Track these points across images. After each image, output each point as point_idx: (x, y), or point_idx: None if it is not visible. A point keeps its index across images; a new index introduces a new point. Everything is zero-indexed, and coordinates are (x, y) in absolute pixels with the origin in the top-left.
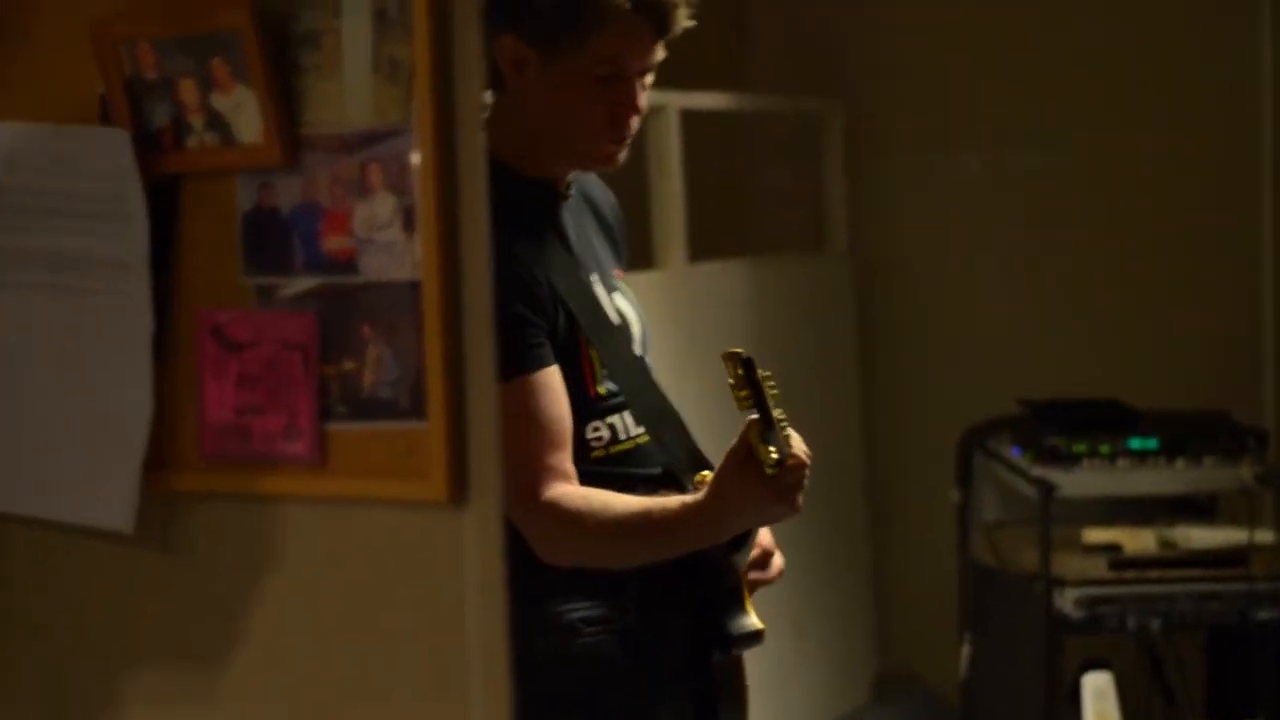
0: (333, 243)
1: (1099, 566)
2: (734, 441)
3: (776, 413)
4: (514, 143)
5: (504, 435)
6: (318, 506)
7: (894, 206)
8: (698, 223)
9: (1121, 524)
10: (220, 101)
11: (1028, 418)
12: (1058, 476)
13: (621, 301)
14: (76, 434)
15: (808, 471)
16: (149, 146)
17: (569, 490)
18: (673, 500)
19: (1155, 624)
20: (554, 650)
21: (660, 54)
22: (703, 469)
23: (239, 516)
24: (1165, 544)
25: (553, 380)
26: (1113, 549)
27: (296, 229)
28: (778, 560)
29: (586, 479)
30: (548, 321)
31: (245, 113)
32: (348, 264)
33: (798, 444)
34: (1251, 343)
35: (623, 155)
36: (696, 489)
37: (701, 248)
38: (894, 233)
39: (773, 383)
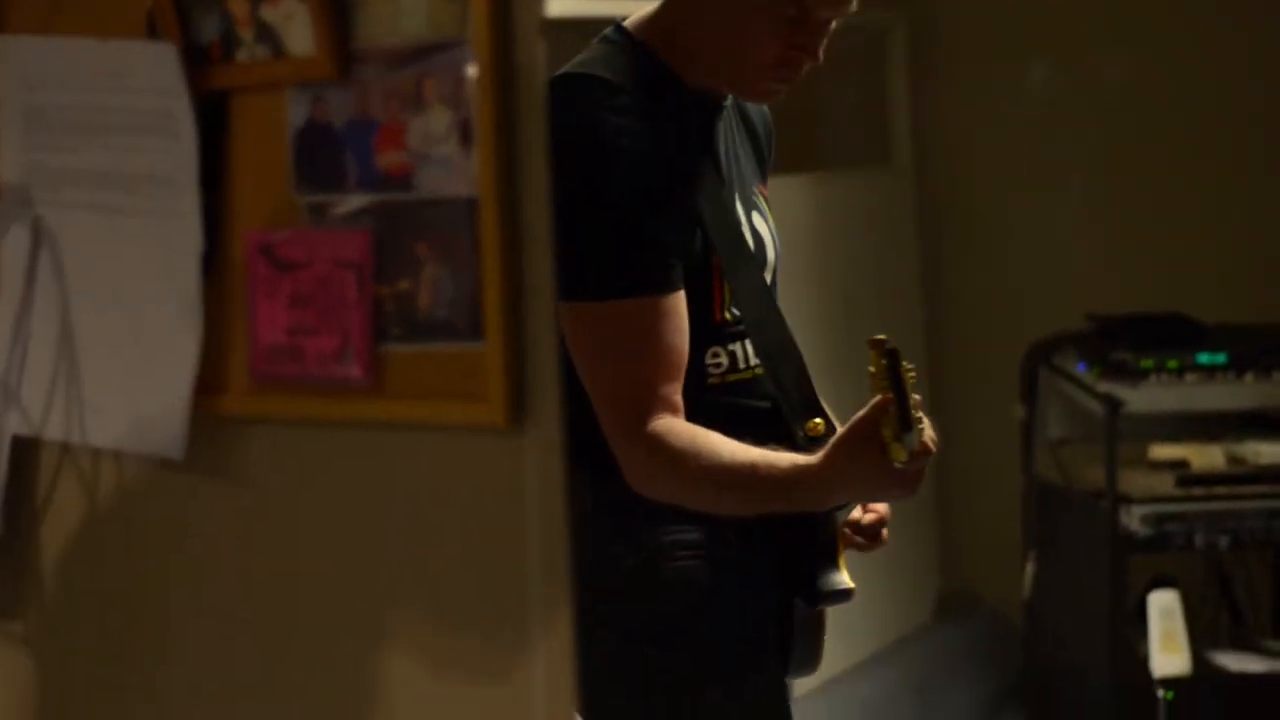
0: (387, 159)
1: (1166, 483)
2: (861, 411)
3: (916, 413)
4: (678, 47)
5: (616, 354)
6: (372, 431)
7: (959, 121)
8: None
9: (1189, 440)
10: (270, 13)
11: (1094, 333)
12: (1124, 392)
13: (759, 222)
14: (125, 357)
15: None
16: (197, 60)
17: (676, 425)
18: (783, 459)
19: (1223, 541)
20: (644, 570)
21: (853, 6)
22: (815, 414)
23: (292, 441)
24: (1234, 460)
25: (679, 306)
26: (1180, 465)
27: (349, 145)
28: (884, 533)
29: (698, 406)
30: (683, 243)
31: (296, 24)
32: (403, 180)
33: (928, 432)
34: None
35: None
36: (807, 434)
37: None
38: (959, 147)
39: (913, 374)
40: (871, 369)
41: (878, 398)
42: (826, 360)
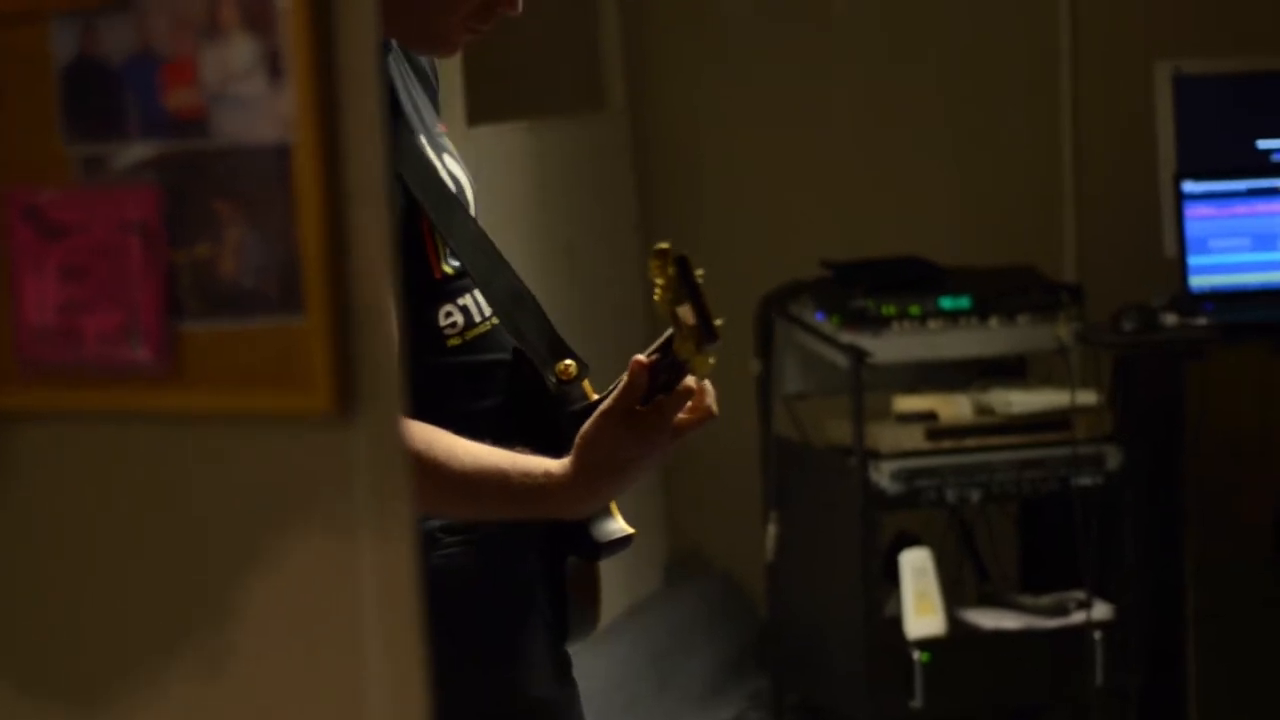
0: (177, 98)
1: (915, 437)
2: (605, 403)
3: (719, 321)
4: None
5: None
6: (170, 424)
7: (673, 58)
8: (474, 84)
9: (934, 390)
10: None
11: (830, 280)
12: (868, 341)
13: (451, 163)
14: None
15: (711, 394)
16: None
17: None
18: (534, 465)
19: (975, 495)
20: None
21: None
22: (563, 356)
23: (69, 439)
24: (982, 410)
25: None
26: (928, 417)
27: (129, 83)
28: (710, 397)
29: (441, 371)
30: None
31: None
32: (196, 125)
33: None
34: (1051, 194)
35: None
36: (559, 379)
37: (479, 110)
38: (675, 88)
39: (702, 275)
40: (658, 282)
41: (621, 378)
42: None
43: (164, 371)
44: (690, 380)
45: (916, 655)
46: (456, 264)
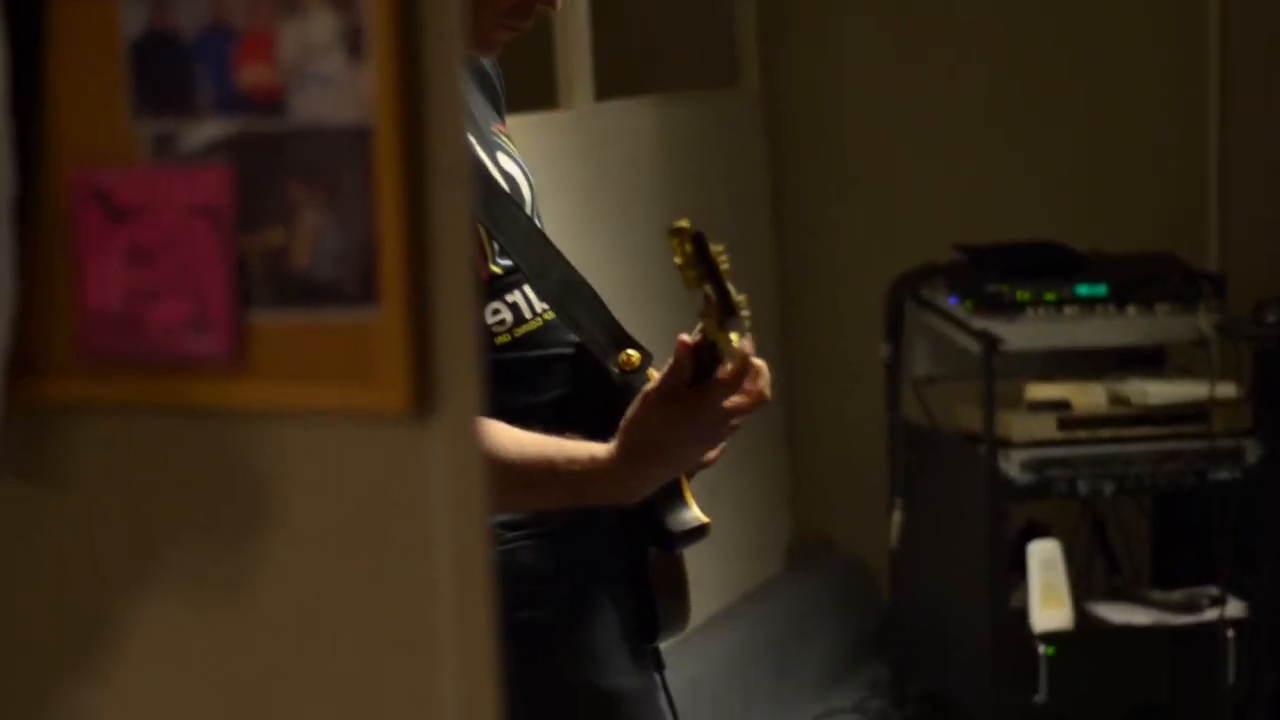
0: (251, 75)
1: (1047, 426)
2: (650, 384)
3: (740, 297)
4: None
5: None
6: (236, 420)
7: (810, 39)
8: (603, 58)
9: (1068, 378)
10: None
11: (964, 264)
12: (1001, 328)
13: (507, 162)
14: None
15: (764, 376)
16: None
17: None
18: (580, 451)
19: (1108, 487)
20: None
21: None
22: (625, 346)
23: (133, 433)
24: (1117, 400)
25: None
26: (1061, 406)
27: (202, 58)
28: (764, 377)
29: (491, 371)
30: None
31: None
32: (272, 103)
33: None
34: (1195, 179)
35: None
36: (622, 369)
37: (608, 85)
38: (810, 68)
39: (726, 260)
40: (677, 260)
41: (669, 361)
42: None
43: (231, 364)
44: (724, 359)
45: (1042, 649)
46: (506, 263)
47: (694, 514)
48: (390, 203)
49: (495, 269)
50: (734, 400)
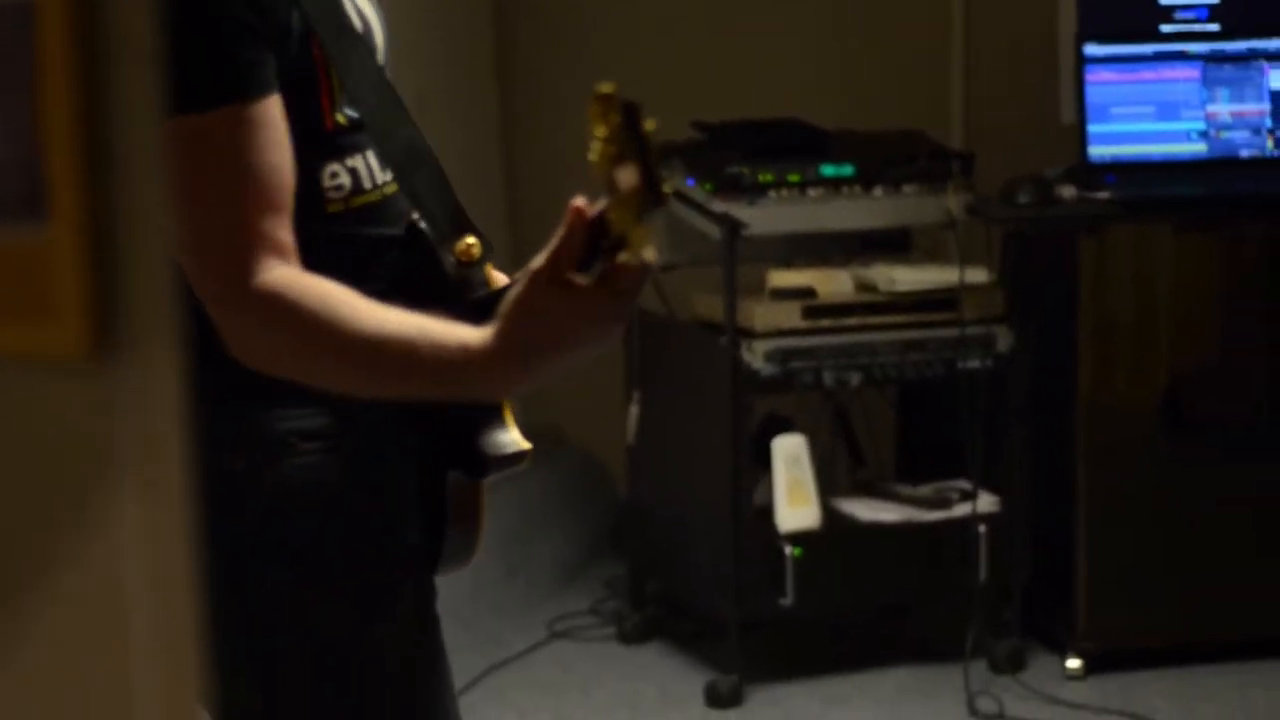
0: None
1: (791, 314)
2: (537, 260)
3: (666, 185)
4: None
5: (197, 189)
6: None
7: None
8: None
9: (811, 264)
10: None
11: (702, 143)
12: (743, 211)
13: (363, 2)
14: None
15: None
16: None
17: (294, 280)
18: (449, 337)
19: (855, 378)
20: (256, 472)
21: None
22: (465, 232)
23: None
24: (864, 286)
25: (274, 114)
26: (805, 293)
27: None
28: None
29: (317, 241)
30: (275, 26)
31: None
32: None
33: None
34: (940, 53)
35: None
36: (459, 259)
37: None
38: None
39: (654, 129)
40: (598, 133)
41: (555, 238)
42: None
43: None
44: (631, 252)
45: (789, 550)
46: (353, 114)
47: (513, 437)
48: (59, 89)
49: (340, 119)
50: (624, 285)
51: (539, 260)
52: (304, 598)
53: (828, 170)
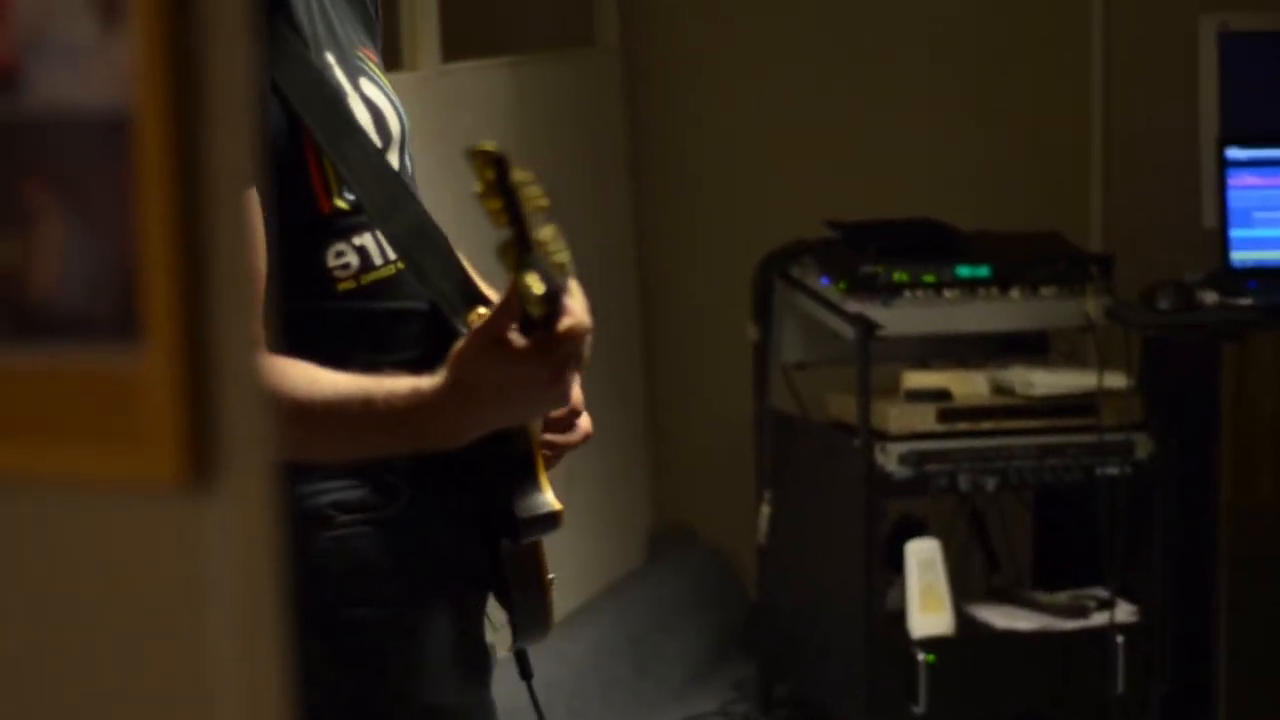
0: None
1: (926, 417)
2: (487, 309)
3: (542, 231)
4: None
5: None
6: None
7: None
8: (452, 16)
9: (947, 366)
10: None
11: (837, 241)
12: (878, 312)
13: (371, 89)
14: None
15: (588, 338)
16: None
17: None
18: (402, 384)
19: (990, 483)
20: (294, 545)
21: None
22: (478, 304)
23: None
24: (1000, 389)
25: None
26: (940, 395)
27: None
28: (585, 422)
29: (331, 319)
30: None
31: None
32: (4, 80)
33: (577, 299)
34: (1080, 155)
35: None
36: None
37: (456, 44)
38: (673, 26)
39: (536, 190)
40: (476, 189)
41: (499, 300)
42: None
43: None
44: (576, 311)
45: (921, 656)
46: (353, 198)
47: (546, 499)
48: (156, 210)
49: (341, 204)
50: (560, 354)
51: (481, 320)
52: (336, 668)
53: (963, 271)
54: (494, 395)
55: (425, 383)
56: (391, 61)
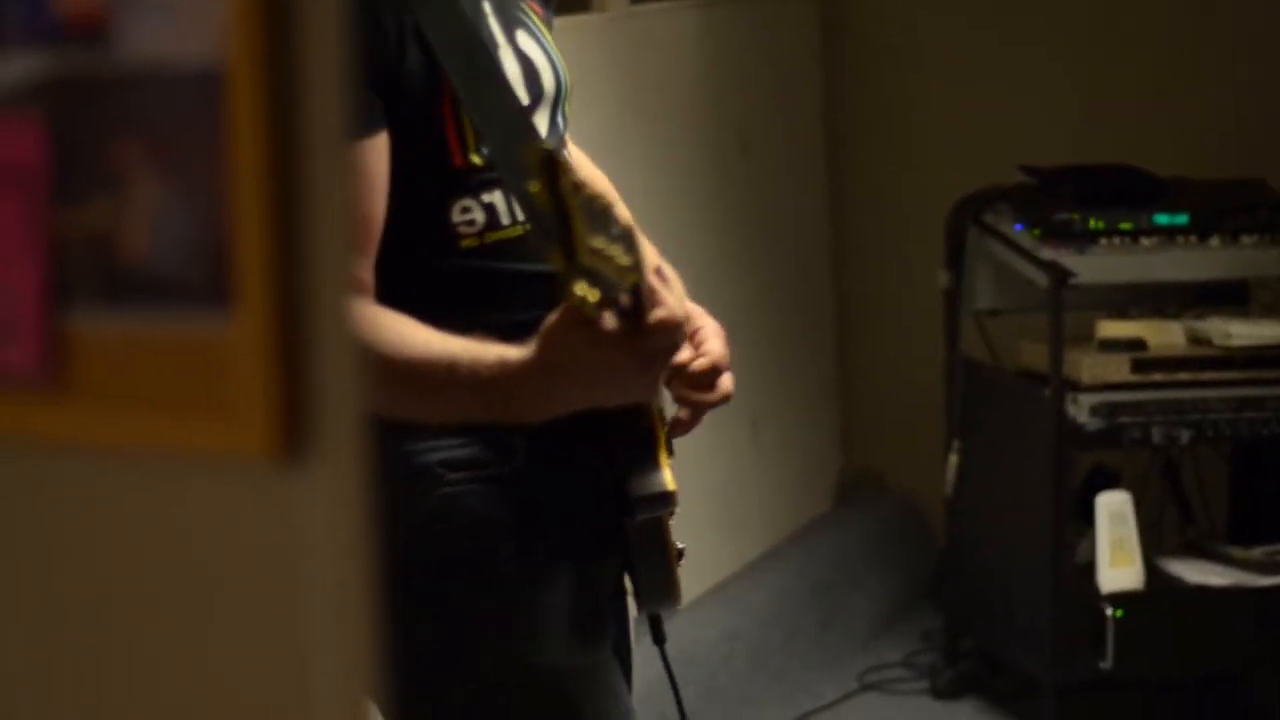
0: (69, 1)
1: (1119, 367)
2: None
3: (595, 239)
4: None
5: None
6: (44, 455)
7: None
8: None
9: (1143, 315)
10: None
11: (1032, 187)
12: (1071, 259)
13: (528, 43)
14: None
15: (682, 329)
16: None
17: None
18: (489, 352)
19: (1185, 435)
20: (403, 501)
21: None
22: None
23: None
24: (1197, 340)
25: (370, 156)
26: (1135, 345)
27: None
28: (726, 381)
29: (453, 276)
30: (385, 63)
31: None
32: (95, 36)
33: (673, 291)
34: None
35: None
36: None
37: None
38: None
39: (590, 193)
40: (534, 189)
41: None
42: (722, 212)
43: (44, 382)
44: (671, 303)
45: (1110, 611)
46: (488, 154)
47: (662, 478)
48: (249, 170)
49: (476, 159)
50: (683, 357)
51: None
52: (441, 625)
53: (1161, 219)
54: (579, 375)
55: (513, 353)
56: (579, 3)
